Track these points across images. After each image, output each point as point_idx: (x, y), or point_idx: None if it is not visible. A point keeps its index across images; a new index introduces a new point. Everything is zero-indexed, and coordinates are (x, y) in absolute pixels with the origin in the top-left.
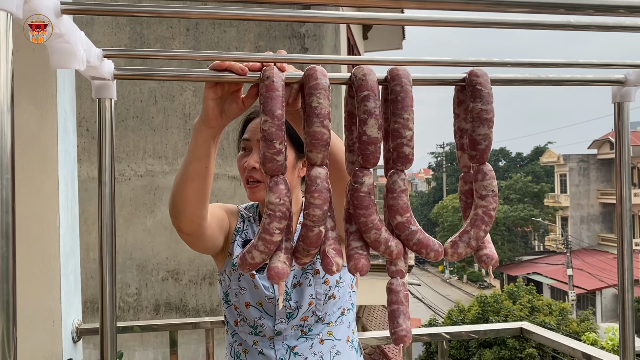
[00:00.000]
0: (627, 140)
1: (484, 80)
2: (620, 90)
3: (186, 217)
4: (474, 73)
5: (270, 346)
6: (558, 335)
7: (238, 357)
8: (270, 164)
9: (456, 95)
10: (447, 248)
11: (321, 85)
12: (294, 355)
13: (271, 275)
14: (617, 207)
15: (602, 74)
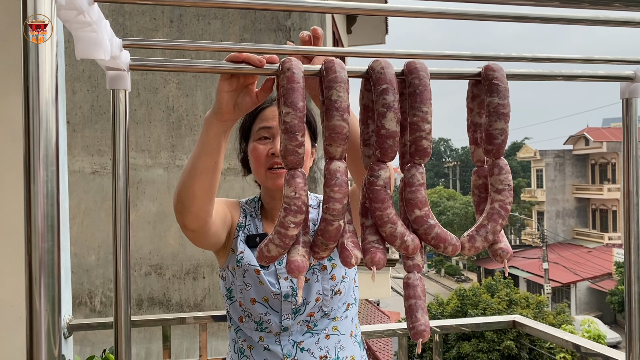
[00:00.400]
0: (635, 136)
1: (501, 74)
2: (629, 86)
3: (192, 213)
4: (491, 68)
5: (277, 342)
6: (549, 328)
7: (242, 353)
8: (292, 157)
9: (470, 90)
10: (464, 242)
11: (340, 79)
12: (300, 350)
13: (291, 268)
14: (624, 202)
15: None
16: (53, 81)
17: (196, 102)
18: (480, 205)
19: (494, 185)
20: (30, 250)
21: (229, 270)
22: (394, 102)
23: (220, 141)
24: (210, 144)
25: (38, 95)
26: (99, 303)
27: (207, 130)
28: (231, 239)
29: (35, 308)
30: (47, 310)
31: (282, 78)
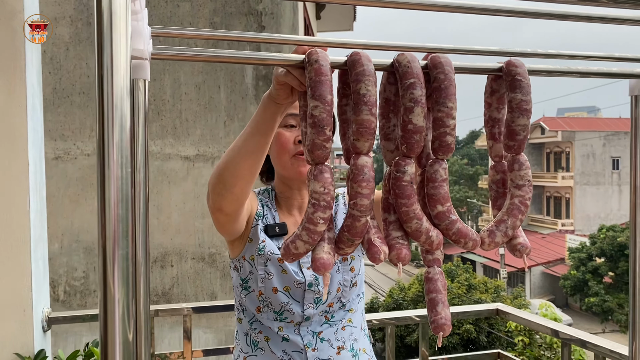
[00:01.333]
0: None
1: (523, 70)
2: (639, 83)
3: (234, 194)
4: (513, 63)
5: (296, 332)
6: (531, 315)
7: (256, 345)
8: (319, 151)
9: (489, 85)
10: (484, 237)
11: (368, 72)
12: (320, 341)
13: (317, 266)
14: (631, 197)
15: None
16: (127, 73)
17: (164, 87)
18: (498, 201)
19: (514, 181)
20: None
21: (246, 260)
22: (422, 96)
23: (276, 120)
24: (266, 123)
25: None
26: (63, 292)
27: (265, 111)
28: (249, 228)
29: (110, 294)
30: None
31: (309, 70)
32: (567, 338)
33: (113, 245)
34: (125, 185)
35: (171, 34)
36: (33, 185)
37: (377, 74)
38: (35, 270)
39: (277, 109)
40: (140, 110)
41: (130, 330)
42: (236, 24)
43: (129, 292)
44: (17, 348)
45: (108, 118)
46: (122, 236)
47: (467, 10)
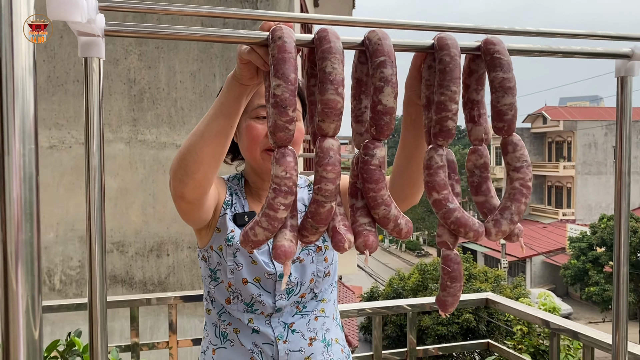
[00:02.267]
0: (629, 116)
1: (502, 48)
2: (625, 64)
3: (196, 180)
4: (491, 41)
5: (267, 324)
6: (520, 305)
7: (225, 337)
8: (281, 133)
9: (467, 65)
10: (489, 228)
11: (335, 49)
12: (291, 332)
13: (277, 254)
14: (616, 182)
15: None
16: (30, 56)
17: (159, 75)
18: (482, 186)
19: (511, 164)
20: (5, 237)
21: (214, 251)
22: (392, 75)
23: (240, 103)
24: (230, 105)
25: (12, 65)
26: (59, 281)
27: (228, 92)
28: (217, 217)
29: (11, 287)
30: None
31: (272, 47)
32: (557, 328)
33: (16, 230)
34: (29, 164)
35: (121, 7)
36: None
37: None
38: None
39: (242, 91)
40: (95, 91)
41: (36, 327)
42: (231, 4)
43: (33, 282)
44: None
45: (7, 92)
46: (25, 219)
47: None
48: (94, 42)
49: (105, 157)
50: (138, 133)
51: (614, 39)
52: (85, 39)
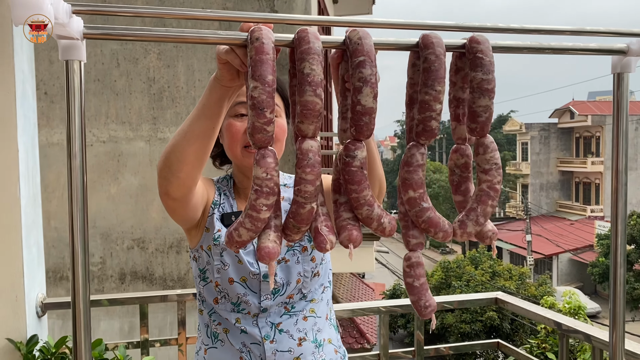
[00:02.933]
0: (626, 112)
1: (486, 47)
2: (621, 60)
3: (180, 179)
4: (475, 40)
5: (254, 324)
6: (531, 305)
7: (216, 337)
8: (259, 135)
9: (454, 62)
10: (455, 229)
11: (314, 50)
12: (279, 332)
13: (261, 255)
14: (612, 179)
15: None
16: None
17: (178, 74)
18: (462, 186)
19: (481, 165)
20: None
21: (204, 250)
22: (371, 75)
23: (222, 105)
24: (211, 107)
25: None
26: None
27: (210, 94)
28: (205, 217)
29: None
30: None
31: (250, 49)
32: (569, 330)
33: None
34: None
35: (96, 11)
36: (24, 172)
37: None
38: (27, 257)
39: (223, 93)
40: (76, 93)
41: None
42: (248, 8)
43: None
44: (9, 333)
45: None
46: None
47: None
48: (74, 45)
49: (126, 154)
50: (158, 131)
51: (609, 34)
52: (64, 42)
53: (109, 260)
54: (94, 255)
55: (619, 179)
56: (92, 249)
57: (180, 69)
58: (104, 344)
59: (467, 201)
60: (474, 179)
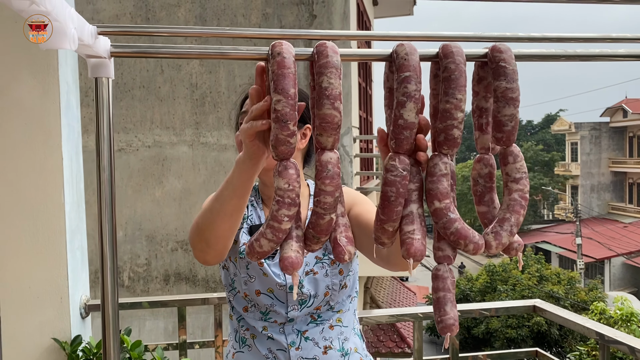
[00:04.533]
0: None
1: (508, 56)
2: None
3: (217, 251)
4: (497, 49)
5: (281, 331)
6: (571, 314)
7: (244, 342)
8: (283, 147)
9: (476, 72)
10: (489, 240)
11: (332, 64)
12: (304, 340)
13: (285, 265)
14: None
15: (635, 49)
16: None
17: (219, 79)
18: (485, 196)
19: (510, 175)
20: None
21: (231, 262)
22: (416, 91)
23: (252, 180)
24: (242, 185)
25: None
26: (127, 278)
27: (241, 174)
28: None
29: None
30: None
31: (272, 63)
32: (611, 341)
33: None
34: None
35: (119, 31)
36: (68, 179)
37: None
38: (71, 260)
39: (255, 170)
40: (104, 109)
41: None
42: (288, 13)
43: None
44: (55, 333)
45: None
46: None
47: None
48: (102, 64)
49: (170, 159)
50: (200, 136)
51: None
52: (93, 61)
53: (154, 261)
54: (139, 257)
55: None
56: (138, 251)
57: (222, 74)
58: (143, 345)
59: (491, 212)
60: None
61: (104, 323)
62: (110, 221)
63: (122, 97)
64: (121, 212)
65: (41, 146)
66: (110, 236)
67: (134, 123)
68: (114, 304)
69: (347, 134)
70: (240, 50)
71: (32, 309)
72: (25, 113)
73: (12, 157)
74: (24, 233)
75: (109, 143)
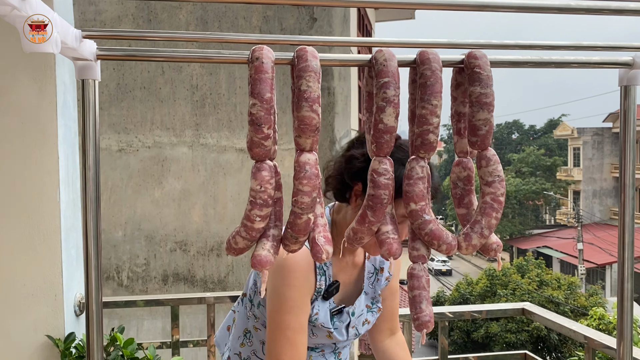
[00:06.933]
0: (633, 126)
1: (483, 62)
2: (627, 73)
3: None
4: (473, 55)
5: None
6: (559, 317)
7: None
8: (257, 149)
9: (454, 78)
10: (460, 242)
11: (311, 68)
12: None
13: (254, 263)
14: (620, 192)
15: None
16: None
17: (220, 81)
18: (465, 198)
19: (484, 178)
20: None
21: None
22: (395, 96)
23: None
24: None
25: None
26: (126, 278)
27: None
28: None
29: None
30: None
31: (250, 67)
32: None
33: None
34: None
35: (104, 35)
36: (64, 178)
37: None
38: (66, 258)
39: None
40: (91, 111)
41: None
42: (288, 16)
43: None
44: (48, 331)
45: None
46: None
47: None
48: (88, 66)
49: (170, 159)
50: (200, 137)
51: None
52: (80, 63)
53: (153, 261)
54: (138, 257)
55: (626, 193)
56: (137, 251)
57: (222, 76)
58: (135, 343)
59: (471, 214)
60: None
61: (88, 319)
62: (95, 219)
63: (123, 98)
64: (120, 212)
65: (37, 145)
66: (94, 234)
67: (135, 124)
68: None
69: (346, 137)
70: (223, 54)
71: (26, 307)
72: (22, 113)
73: (8, 156)
74: (19, 231)
75: (94, 143)
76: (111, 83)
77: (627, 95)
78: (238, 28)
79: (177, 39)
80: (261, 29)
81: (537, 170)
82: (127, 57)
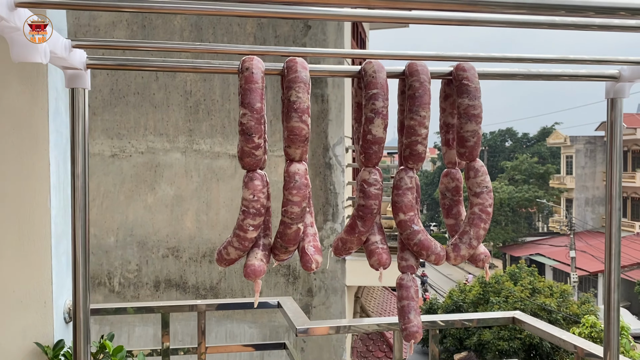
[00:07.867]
0: (619, 138)
1: (471, 74)
2: (614, 86)
3: None
4: (461, 67)
5: None
6: (549, 326)
7: None
8: (248, 159)
9: (442, 89)
10: (449, 252)
11: (300, 79)
12: None
13: (247, 272)
14: (606, 204)
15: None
16: None
17: (213, 87)
18: (453, 209)
19: (472, 189)
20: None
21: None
22: (383, 108)
23: None
24: None
25: None
26: (118, 284)
27: None
28: None
29: None
30: None
31: (240, 78)
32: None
33: None
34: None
35: (95, 45)
36: (55, 184)
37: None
38: (56, 265)
39: None
40: (80, 120)
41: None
42: (282, 23)
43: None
44: (37, 338)
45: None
46: None
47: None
48: (78, 75)
49: (163, 165)
50: (193, 143)
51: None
52: (70, 72)
53: (145, 267)
54: (130, 263)
55: (613, 204)
56: (129, 257)
57: (216, 82)
58: (125, 351)
59: (459, 224)
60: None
61: (75, 327)
62: (83, 227)
63: (117, 104)
64: (113, 218)
65: (29, 151)
66: (82, 243)
67: (128, 129)
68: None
69: (340, 144)
70: (212, 64)
71: (15, 313)
72: (14, 118)
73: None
74: (9, 237)
75: (83, 152)
76: (105, 88)
77: (613, 108)
78: (232, 34)
79: (168, 49)
80: (255, 35)
81: (530, 178)
82: (117, 66)
